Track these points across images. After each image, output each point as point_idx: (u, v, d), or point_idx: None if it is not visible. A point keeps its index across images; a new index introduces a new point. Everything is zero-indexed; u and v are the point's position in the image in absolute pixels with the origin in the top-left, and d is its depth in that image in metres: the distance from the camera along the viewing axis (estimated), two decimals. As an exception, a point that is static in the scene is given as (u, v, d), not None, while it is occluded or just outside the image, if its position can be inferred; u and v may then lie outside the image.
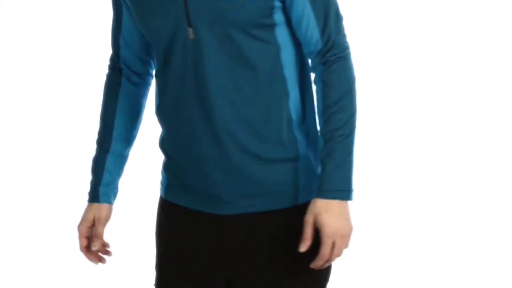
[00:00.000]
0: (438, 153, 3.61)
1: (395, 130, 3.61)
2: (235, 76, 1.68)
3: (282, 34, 1.71)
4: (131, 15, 1.81)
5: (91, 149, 1.92)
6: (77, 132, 3.65)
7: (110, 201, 1.91)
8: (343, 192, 1.70)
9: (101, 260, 1.92)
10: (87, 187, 1.91)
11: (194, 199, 1.79)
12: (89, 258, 1.92)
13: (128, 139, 1.93)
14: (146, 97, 1.95)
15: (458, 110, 3.63)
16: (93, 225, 1.90)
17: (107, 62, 1.91)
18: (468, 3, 3.64)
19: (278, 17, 1.69)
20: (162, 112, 1.80)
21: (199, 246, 1.80)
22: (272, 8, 1.67)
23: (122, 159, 1.92)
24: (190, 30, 1.68)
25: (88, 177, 1.91)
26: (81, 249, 1.91)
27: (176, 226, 1.84)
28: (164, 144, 1.84)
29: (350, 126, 1.70)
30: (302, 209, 1.73)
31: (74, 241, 1.91)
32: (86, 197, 1.92)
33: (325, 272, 1.79)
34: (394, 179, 3.60)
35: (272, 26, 1.69)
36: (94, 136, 1.92)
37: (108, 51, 1.91)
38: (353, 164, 1.71)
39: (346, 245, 1.72)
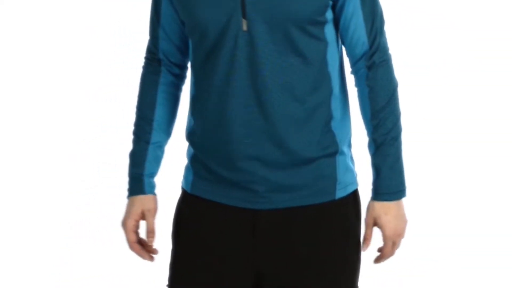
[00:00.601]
0: (487, 153, 3.61)
1: (438, 133, 3.61)
2: (287, 70, 1.70)
3: (329, 32, 1.74)
4: (171, 3, 1.78)
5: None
6: (77, 132, 3.65)
7: (154, 192, 1.84)
8: (399, 193, 1.79)
9: (151, 257, 1.83)
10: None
11: (227, 193, 1.76)
12: (140, 254, 1.83)
13: (167, 131, 1.87)
14: (181, 91, 1.90)
15: (500, 112, 3.63)
16: (141, 218, 1.82)
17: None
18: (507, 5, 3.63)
19: (329, 14, 1.72)
20: (200, 103, 1.76)
21: (230, 242, 1.76)
22: (326, 6, 1.70)
23: (160, 152, 1.86)
24: (244, 21, 1.68)
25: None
26: (131, 244, 1.81)
27: (204, 221, 1.78)
28: (195, 136, 1.79)
29: (398, 128, 1.77)
30: (339, 204, 1.77)
31: (74, 241, 1.90)
32: (125, 193, 1.83)
33: (358, 268, 1.84)
34: (452, 177, 3.61)
35: (323, 23, 1.72)
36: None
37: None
38: (403, 163, 1.79)
39: (403, 237, 1.82)
